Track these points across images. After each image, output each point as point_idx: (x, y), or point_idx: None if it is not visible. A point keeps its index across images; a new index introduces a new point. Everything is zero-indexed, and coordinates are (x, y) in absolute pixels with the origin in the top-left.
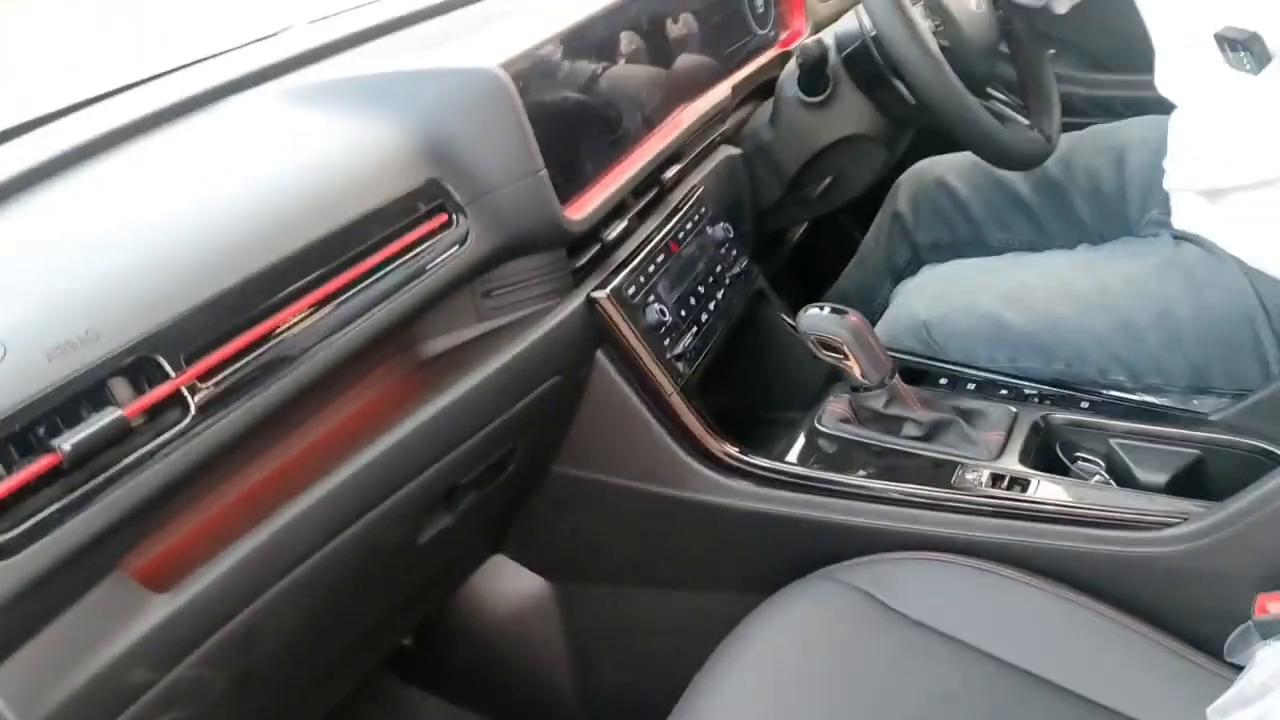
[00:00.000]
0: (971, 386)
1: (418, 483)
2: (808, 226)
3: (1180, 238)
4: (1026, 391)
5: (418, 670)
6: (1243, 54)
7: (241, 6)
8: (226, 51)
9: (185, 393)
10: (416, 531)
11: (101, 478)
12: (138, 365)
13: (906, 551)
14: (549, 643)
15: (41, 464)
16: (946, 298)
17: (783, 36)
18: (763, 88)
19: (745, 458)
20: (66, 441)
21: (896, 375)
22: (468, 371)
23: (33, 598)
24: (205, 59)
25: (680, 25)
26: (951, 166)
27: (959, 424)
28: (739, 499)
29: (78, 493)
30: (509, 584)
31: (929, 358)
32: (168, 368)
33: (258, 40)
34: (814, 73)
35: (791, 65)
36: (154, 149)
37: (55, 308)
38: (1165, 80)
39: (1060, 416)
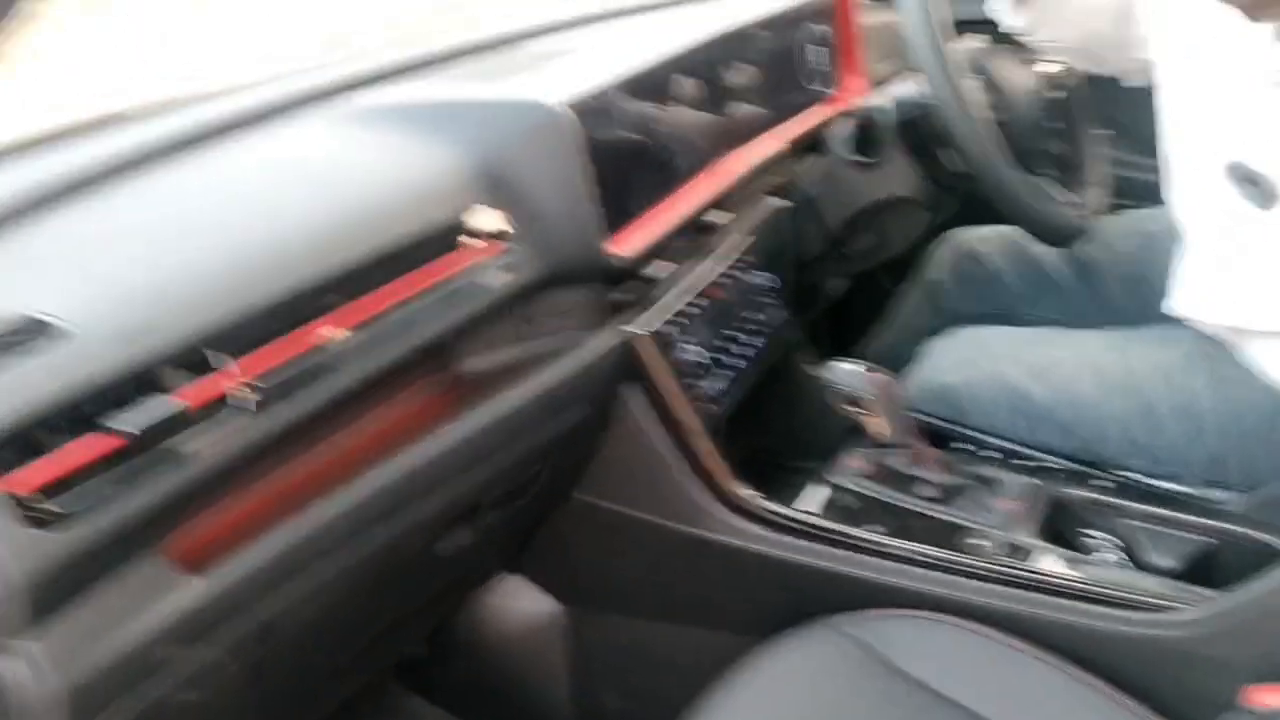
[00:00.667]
0: (992, 455)
1: (443, 495)
2: (852, 282)
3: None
4: (1046, 466)
5: (422, 679)
6: (1254, 189)
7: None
8: (300, 68)
9: (233, 389)
10: (437, 542)
11: (150, 462)
12: (192, 358)
13: (909, 609)
14: (553, 665)
15: (96, 444)
16: (973, 363)
17: (840, 94)
18: (816, 142)
19: (761, 502)
20: (121, 424)
21: (917, 436)
22: (502, 393)
23: (79, 568)
24: (281, 74)
25: (741, 76)
26: (986, 238)
27: (975, 490)
28: (751, 542)
29: (127, 474)
30: (521, 603)
31: (951, 421)
32: (220, 363)
33: (330, 59)
34: (866, 132)
35: (844, 123)
36: (226, 156)
37: (122, 298)
38: (1177, 204)
39: (1077, 493)
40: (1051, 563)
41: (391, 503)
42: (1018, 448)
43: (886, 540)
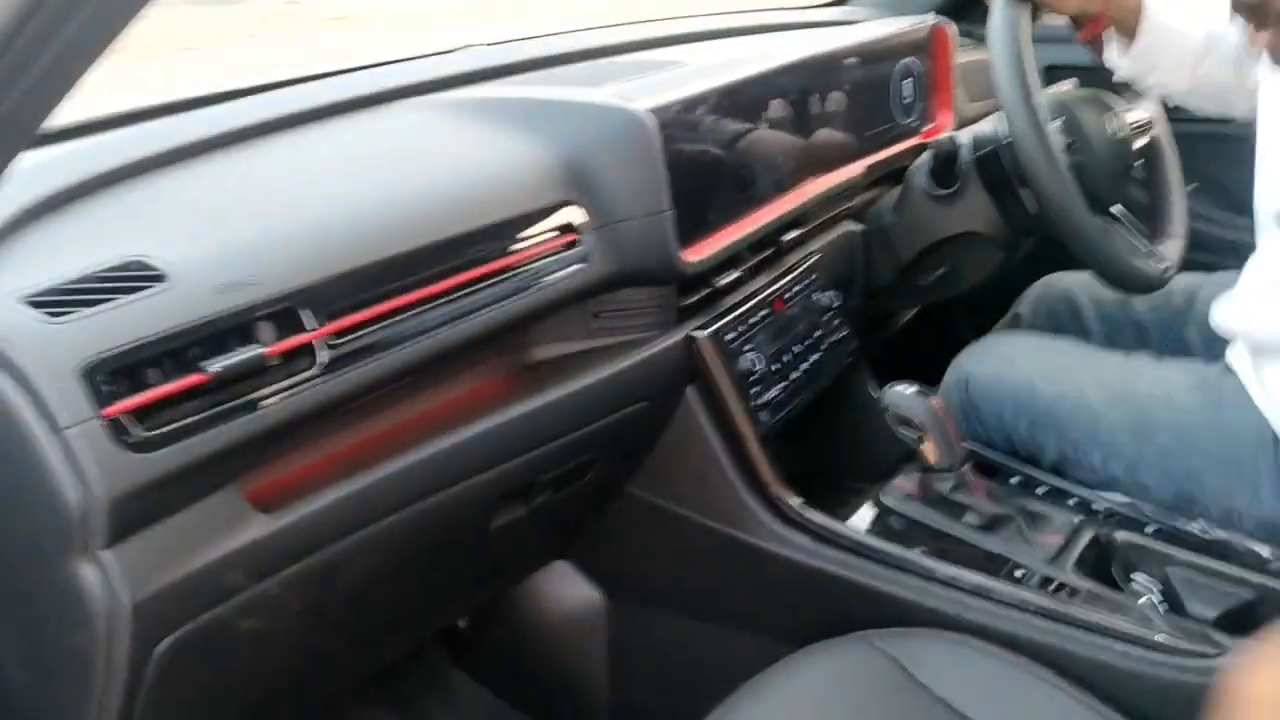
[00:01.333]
0: (1042, 491)
1: (501, 470)
2: (918, 313)
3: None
4: (1094, 507)
5: (466, 654)
6: None
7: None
8: (409, 58)
9: (317, 346)
10: (491, 516)
11: (235, 403)
12: (283, 314)
13: (943, 630)
14: (592, 653)
15: (189, 380)
16: (992, 359)
17: (926, 128)
18: (895, 173)
19: (807, 513)
20: (213, 365)
21: (968, 464)
22: (565, 380)
23: (159, 491)
24: (390, 62)
25: (829, 102)
26: (1080, 281)
27: (1019, 522)
28: (794, 551)
29: (213, 411)
30: (566, 589)
31: (1006, 452)
32: (306, 322)
33: (437, 53)
34: (946, 166)
35: (925, 156)
36: (332, 134)
37: (225, 252)
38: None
39: (1123, 535)
40: (1089, 600)
41: (451, 470)
42: (1069, 486)
43: (928, 562)
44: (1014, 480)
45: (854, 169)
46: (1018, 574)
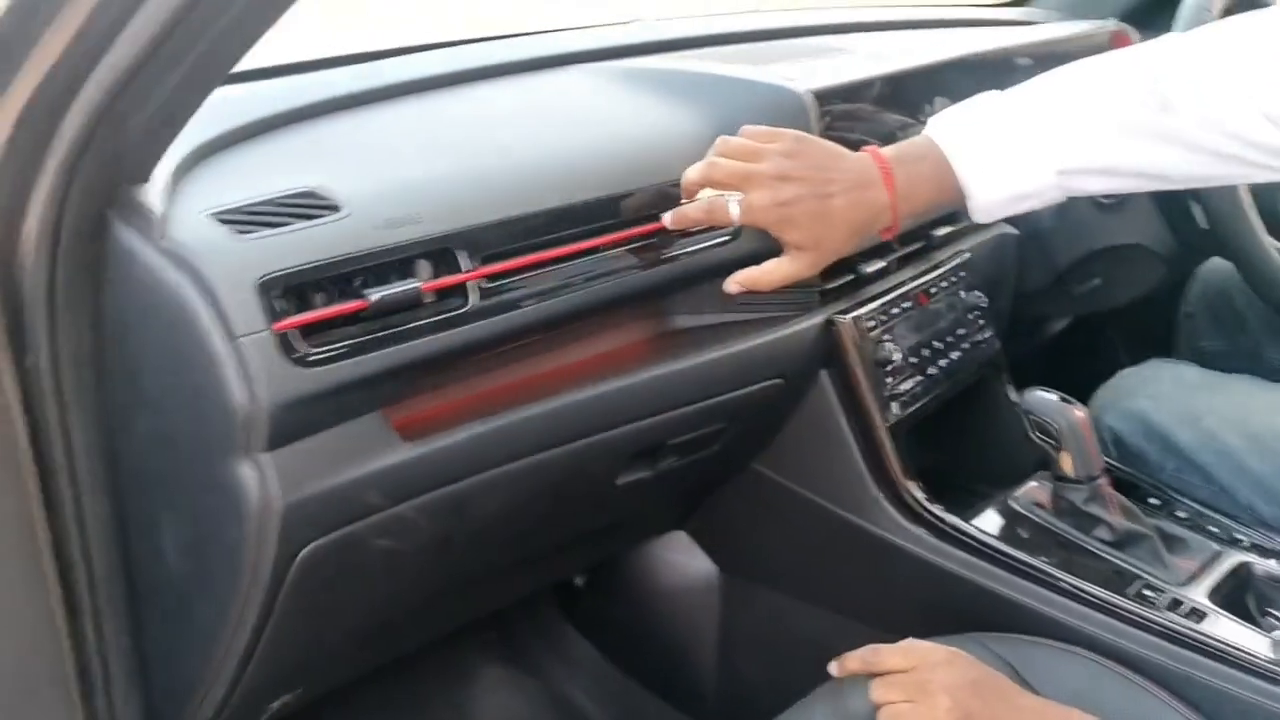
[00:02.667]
0: (1182, 514)
1: (632, 428)
2: (1071, 322)
3: None
4: (1236, 535)
5: (579, 612)
6: None
7: None
8: (584, 27)
9: (469, 287)
10: (617, 473)
11: (389, 332)
12: (441, 253)
13: (1061, 642)
14: (702, 625)
15: (352, 305)
16: (1145, 392)
17: None
18: None
19: (930, 507)
20: (374, 294)
21: (1105, 477)
22: (703, 349)
23: (316, 406)
24: (566, 28)
25: None
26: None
27: (1154, 542)
28: (913, 544)
29: (369, 337)
30: (682, 559)
31: (1146, 470)
32: (462, 263)
33: (610, 24)
34: None
35: None
36: (504, 91)
37: (394, 190)
38: None
39: (1264, 567)
40: (1222, 629)
41: (584, 423)
42: (1211, 513)
43: (1054, 570)
44: (1153, 501)
45: None
46: (1146, 593)
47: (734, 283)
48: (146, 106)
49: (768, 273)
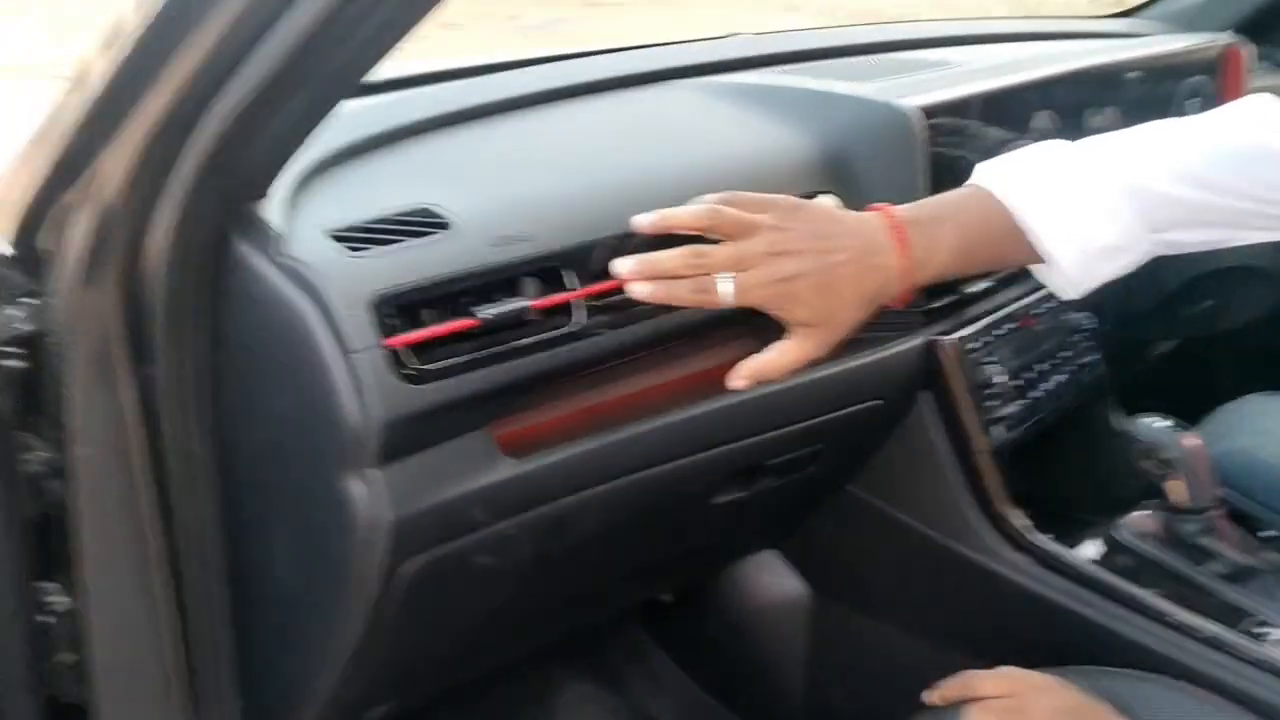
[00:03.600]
0: None
1: (731, 448)
2: (1177, 346)
3: None
4: None
5: (666, 630)
6: None
7: None
8: (683, 41)
9: (574, 306)
10: (715, 492)
11: (497, 350)
12: (547, 271)
13: (1171, 679)
14: (791, 647)
15: (461, 323)
16: (1258, 427)
17: None
18: None
19: (1034, 537)
20: (483, 312)
21: (1221, 508)
22: (803, 370)
23: (425, 423)
24: (663, 44)
25: (1104, 117)
26: None
27: (1272, 580)
28: (1014, 572)
29: (477, 355)
30: (775, 580)
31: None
32: (569, 282)
33: (709, 38)
34: None
35: None
36: (608, 107)
37: (503, 208)
38: None
39: None
40: None
41: (685, 442)
42: None
43: (1162, 604)
44: (1271, 534)
45: None
46: (1257, 631)
47: (740, 377)
48: (273, 124)
49: (775, 360)
